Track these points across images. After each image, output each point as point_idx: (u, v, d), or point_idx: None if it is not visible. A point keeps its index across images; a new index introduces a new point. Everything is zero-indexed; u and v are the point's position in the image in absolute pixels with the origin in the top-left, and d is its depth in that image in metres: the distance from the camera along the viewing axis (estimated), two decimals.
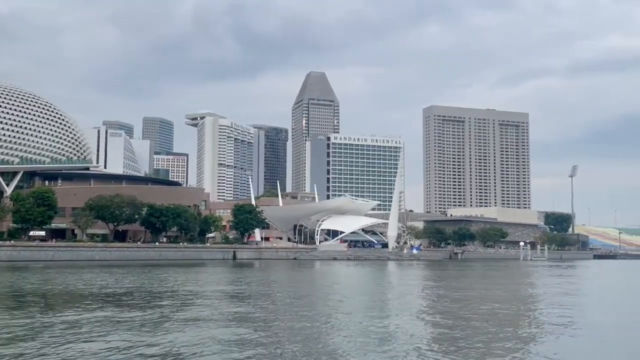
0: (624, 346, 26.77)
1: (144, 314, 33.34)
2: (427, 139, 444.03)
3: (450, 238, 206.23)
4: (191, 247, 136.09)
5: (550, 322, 32.44)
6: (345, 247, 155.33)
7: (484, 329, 29.49)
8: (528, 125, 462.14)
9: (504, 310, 38.63)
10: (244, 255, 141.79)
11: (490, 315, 35.89)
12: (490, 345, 25.10)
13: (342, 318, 32.86)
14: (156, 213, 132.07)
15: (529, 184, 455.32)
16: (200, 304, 39.86)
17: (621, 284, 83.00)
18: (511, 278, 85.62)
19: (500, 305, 41.44)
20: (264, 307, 38.57)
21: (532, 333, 28.96)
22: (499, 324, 31.63)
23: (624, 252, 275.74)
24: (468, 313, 36.35)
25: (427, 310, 38.80)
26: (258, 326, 29.20)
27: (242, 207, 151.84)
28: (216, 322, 30.57)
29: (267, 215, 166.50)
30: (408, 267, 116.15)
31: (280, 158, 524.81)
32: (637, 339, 29.22)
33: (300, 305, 39.45)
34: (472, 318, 33.75)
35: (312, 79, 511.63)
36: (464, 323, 31.20)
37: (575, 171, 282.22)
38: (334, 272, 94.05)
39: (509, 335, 27.49)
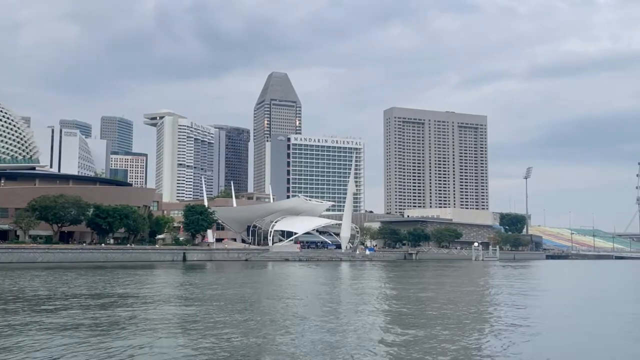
0: (550, 342, 27.00)
1: (74, 320, 32.22)
2: (388, 140, 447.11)
3: (406, 239, 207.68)
4: (139, 248, 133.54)
5: (475, 320, 33.32)
6: (298, 248, 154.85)
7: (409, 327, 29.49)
8: (486, 127, 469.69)
9: (430, 310, 38.85)
10: (194, 257, 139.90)
11: (419, 312, 36.04)
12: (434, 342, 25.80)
13: (281, 321, 32.38)
14: (103, 214, 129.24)
15: (487, 185, 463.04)
16: (141, 308, 38.80)
17: (554, 283, 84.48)
18: (453, 278, 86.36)
19: (430, 304, 41.64)
20: (206, 310, 37.87)
21: (455, 331, 29.37)
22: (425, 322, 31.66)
23: (576, 253, 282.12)
24: (401, 311, 36.50)
25: (362, 310, 38.51)
26: (199, 330, 28.79)
27: (193, 208, 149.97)
28: (156, 328, 29.83)
29: (220, 216, 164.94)
30: (359, 268, 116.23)
31: (242, 159, 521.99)
32: (558, 338, 29.35)
33: (240, 310, 38.71)
34: (404, 316, 33.83)
35: (274, 80, 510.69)
36: (400, 321, 31.53)
37: (530, 173, 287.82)
38: (281, 273, 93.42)
39: (446, 333, 27.56)
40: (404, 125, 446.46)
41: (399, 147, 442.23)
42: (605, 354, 25.83)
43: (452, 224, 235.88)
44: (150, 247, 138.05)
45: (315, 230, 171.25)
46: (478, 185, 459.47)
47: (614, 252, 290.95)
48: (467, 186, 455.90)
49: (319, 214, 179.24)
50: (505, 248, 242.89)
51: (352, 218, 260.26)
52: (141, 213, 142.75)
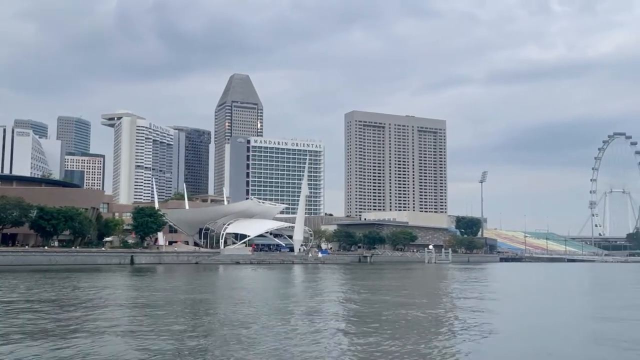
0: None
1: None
2: (348, 143, 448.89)
3: (361, 241, 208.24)
4: (84, 251, 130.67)
5: (412, 319, 33.14)
6: (250, 250, 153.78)
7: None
8: (445, 132, 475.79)
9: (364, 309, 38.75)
10: (142, 260, 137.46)
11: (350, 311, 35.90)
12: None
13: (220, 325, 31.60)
14: (47, 216, 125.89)
15: (446, 189, 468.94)
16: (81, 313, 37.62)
17: (492, 284, 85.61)
18: (397, 280, 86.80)
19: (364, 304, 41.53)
20: (141, 315, 36.97)
21: (399, 332, 28.96)
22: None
23: (529, 255, 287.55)
24: (337, 311, 36.22)
25: (294, 311, 38.08)
26: (136, 336, 28.30)
27: (142, 210, 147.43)
28: (90, 333, 29.06)
29: (172, 219, 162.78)
30: (309, 271, 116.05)
31: (203, 161, 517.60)
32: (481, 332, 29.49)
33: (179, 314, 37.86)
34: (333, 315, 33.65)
35: (235, 81, 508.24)
36: (343, 323, 31.66)
37: (485, 177, 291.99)
38: (226, 276, 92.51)
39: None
40: (364, 129, 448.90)
41: (360, 150, 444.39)
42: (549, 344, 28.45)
43: (408, 226, 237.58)
44: (97, 250, 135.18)
45: (269, 233, 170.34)
46: (437, 189, 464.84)
47: (566, 255, 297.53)
48: (426, 189, 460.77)
49: (272, 216, 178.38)
50: (460, 251, 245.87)
51: (310, 221, 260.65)
52: (88, 215, 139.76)
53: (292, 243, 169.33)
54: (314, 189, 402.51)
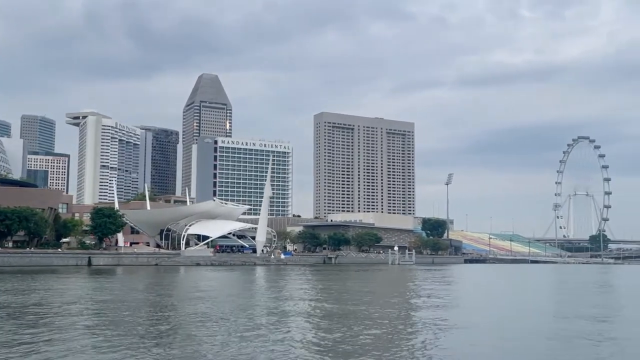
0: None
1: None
2: (318, 145, 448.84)
3: (326, 243, 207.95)
4: (39, 252, 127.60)
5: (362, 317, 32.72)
6: (211, 252, 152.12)
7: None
8: (414, 134, 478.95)
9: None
10: (100, 262, 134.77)
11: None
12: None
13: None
14: (0, 216, 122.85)
15: (414, 191, 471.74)
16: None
17: (451, 285, 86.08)
18: (354, 280, 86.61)
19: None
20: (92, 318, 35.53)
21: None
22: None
23: (493, 257, 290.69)
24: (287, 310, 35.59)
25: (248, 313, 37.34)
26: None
27: (100, 211, 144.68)
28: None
29: (132, 220, 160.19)
30: (269, 272, 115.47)
31: (170, 161, 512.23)
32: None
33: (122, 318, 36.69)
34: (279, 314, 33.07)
35: (204, 81, 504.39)
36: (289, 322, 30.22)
37: (451, 179, 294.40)
38: (181, 279, 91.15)
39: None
40: (333, 130, 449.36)
41: (329, 151, 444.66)
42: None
43: (373, 228, 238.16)
44: (53, 251, 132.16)
45: (232, 234, 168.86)
46: (405, 191, 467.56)
47: (529, 256, 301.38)
48: (394, 191, 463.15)
49: (236, 217, 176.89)
50: (425, 252, 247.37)
51: (276, 222, 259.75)
52: (44, 215, 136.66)
53: (254, 244, 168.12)
54: (282, 191, 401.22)
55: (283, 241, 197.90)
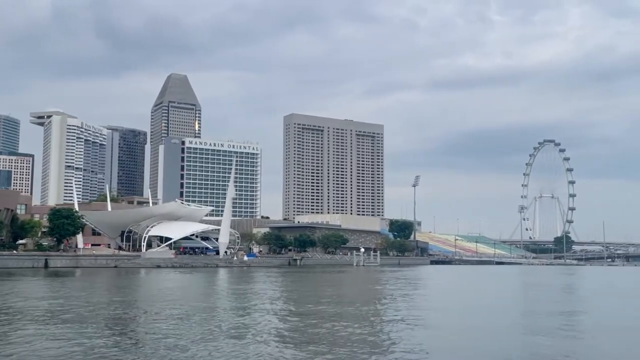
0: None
1: None
2: (287, 146, 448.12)
3: (292, 244, 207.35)
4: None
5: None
6: (173, 254, 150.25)
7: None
8: (383, 136, 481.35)
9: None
10: (58, 264, 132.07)
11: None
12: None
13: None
14: None
15: (383, 193, 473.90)
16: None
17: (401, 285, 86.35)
18: (310, 282, 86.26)
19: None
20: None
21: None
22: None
23: (459, 258, 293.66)
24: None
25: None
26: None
27: (58, 212, 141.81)
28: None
29: (92, 221, 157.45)
30: (230, 274, 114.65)
31: (138, 162, 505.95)
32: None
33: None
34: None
35: (173, 81, 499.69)
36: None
37: (418, 181, 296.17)
38: (133, 281, 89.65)
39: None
40: (303, 132, 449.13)
41: (298, 153, 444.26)
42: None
43: (340, 229, 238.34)
44: (8, 253, 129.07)
45: (195, 236, 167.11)
46: (374, 192, 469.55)
47: (495, 257, 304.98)
48: (363, 193, 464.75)
49: (199, 219, 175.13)
50: (391, 253, 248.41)
51: (243, 223, 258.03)
52: (0, 216, 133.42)
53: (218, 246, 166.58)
54: (250, 192, 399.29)
55: (248, 243, 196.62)
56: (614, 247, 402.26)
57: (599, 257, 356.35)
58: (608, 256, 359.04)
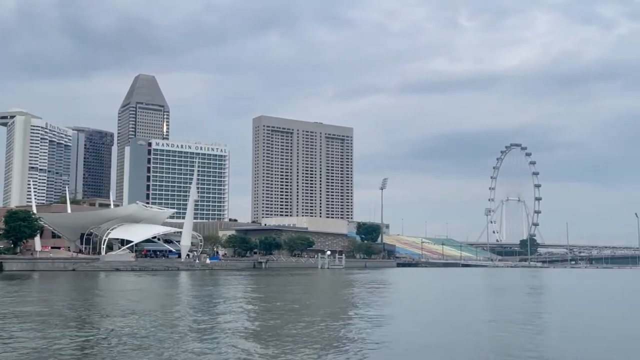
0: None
1: None
2: (256, 148, 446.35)
3: (257, 247, 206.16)
4: None
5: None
6: (133, 257, 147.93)
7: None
8: (352, 139, 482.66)
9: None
10: (13, 267, 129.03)
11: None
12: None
13: None
14: None
15: (352, 195, 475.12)
16: None
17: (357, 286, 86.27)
18: (266, 285, 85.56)
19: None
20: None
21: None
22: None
23: (425, 261, 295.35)
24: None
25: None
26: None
27: (15, 214, 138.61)
28: None
29: (51, 223, 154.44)
30: (193, 276, 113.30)
31: (105, 163, 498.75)
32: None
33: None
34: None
35: (141, 82, 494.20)
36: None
37: (385, 184, 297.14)
38: (89, 285, 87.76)
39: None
40: (272, 134, 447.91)
41: (267, 155, 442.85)
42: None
43: (306, 232, 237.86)
44: None
45: (157, 239, 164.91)
46: (344, 195, 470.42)
47: (461, 260, 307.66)
48: (333, 196, 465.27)
49: (161, 221, 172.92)
50: (358, 256, 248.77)
51: (209, 226, 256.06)
52: None
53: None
54: (218, 194, 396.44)
55: (213, 246, 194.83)
56: (578, 249, 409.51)
57: (563, 259, 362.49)
58: (572, 258, 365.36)
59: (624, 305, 63.37)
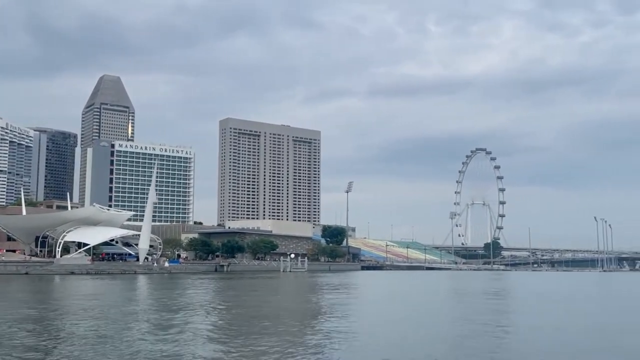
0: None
1: None
2: (223, 151, 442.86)
3: (219, 250, 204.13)
4: None
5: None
6: (89, 260, 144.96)
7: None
8: (320, 142, 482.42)
9: None
10: None
11: None
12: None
13: None
14: None
15: (319, 198, 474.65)
16: None
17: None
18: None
19: None
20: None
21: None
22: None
23: (390, 264, 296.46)
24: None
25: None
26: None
27: None
28: None
29: (4, 225, 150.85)
30: (149, 280, 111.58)
31: (68, 165, 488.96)
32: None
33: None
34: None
35: (105, 83, 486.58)
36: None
37: (351, 187, 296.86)
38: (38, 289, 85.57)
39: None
40: (239, 137, 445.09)
41: (234, 158, 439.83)
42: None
43: (270, 235, 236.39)
44: None
45: (115, 242, 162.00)
46: (311, 198, 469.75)
47: (425, 263, 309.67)
48: (300, 199, 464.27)
49: (120, 224, 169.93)
50: (322, 259, 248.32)
51: (172, 229, 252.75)
52: None
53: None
54: (183, 197, 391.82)
55: (174, 249, 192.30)
56: (541, 252, 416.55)
57: (525, 262, 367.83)
58: (534, 262, 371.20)
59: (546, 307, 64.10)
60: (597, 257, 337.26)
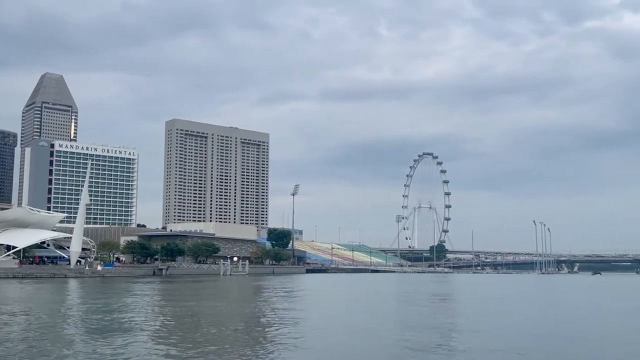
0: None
1: None
2: (169, 152, 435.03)
3: (158, 253, 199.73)
4: None
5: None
6: (16, 263, 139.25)
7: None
8: (268, 145, 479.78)
9: None
10: None
11: None
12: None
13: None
14: None
15: (267, 201, 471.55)
16: None
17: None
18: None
19: None
20: None
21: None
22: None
23: (335, 267, 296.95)
24: None
25: None
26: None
27: None
28: None
29: None
30: (81, 284, 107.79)
31: (7, 165, 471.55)
32: None
33: None
34: None
35: (47, 81, 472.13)
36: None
37: (297, 190, 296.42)
38: None
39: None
40: (186, 138, 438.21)
41: (180, 160, 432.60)
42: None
43: (213, 238, 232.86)
44: None
45: (47, 245, 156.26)
46: (259, 201, 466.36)
47: (371, 266, 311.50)
48: (248, 201, 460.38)
49: (51, 226, 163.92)
50: (266, 262, 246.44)
51: (111, 232, 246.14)
52: None
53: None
54: (125, 199, 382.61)
55: (110, 252, 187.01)
56: (484, 255, 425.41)
57: (469, 265, 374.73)
58: (477, 264, 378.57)
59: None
60: (537, 259, 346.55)
